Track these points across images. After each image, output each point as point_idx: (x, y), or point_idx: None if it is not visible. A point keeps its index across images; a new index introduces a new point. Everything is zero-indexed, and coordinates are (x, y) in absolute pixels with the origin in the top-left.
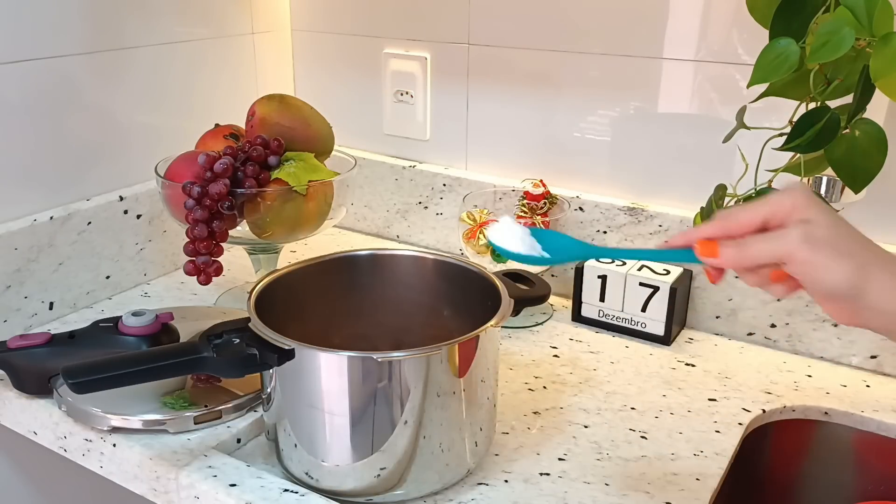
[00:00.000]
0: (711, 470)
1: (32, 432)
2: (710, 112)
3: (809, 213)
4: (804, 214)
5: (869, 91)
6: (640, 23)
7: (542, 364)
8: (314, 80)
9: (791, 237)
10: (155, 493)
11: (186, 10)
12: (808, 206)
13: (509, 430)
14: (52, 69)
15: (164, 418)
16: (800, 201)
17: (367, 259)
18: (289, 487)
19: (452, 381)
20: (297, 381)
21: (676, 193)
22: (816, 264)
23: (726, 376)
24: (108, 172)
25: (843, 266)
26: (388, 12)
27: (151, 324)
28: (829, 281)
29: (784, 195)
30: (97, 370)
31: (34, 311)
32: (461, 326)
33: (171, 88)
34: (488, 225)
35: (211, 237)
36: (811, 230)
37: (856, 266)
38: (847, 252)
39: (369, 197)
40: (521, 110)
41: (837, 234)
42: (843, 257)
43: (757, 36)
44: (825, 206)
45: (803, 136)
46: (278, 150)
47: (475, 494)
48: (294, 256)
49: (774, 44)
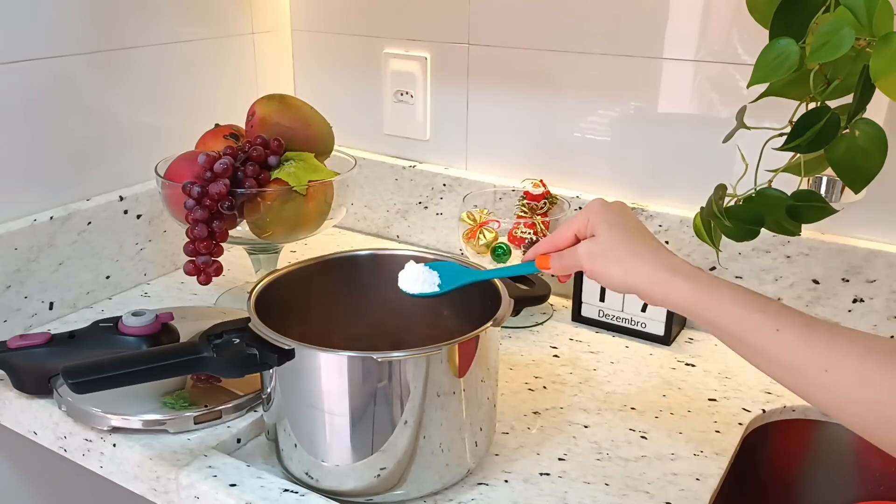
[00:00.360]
0: (711, 470)
1: (32, 432)
2: (710, 112)
3: (596, 230)
4: (593, 231)
5: (869, 91)
6: (640, 23)
7: (542, 364)
8: (314, 80)
9: (578, 252)
10: (155, 493)
11: (186, 10)
12: (596, 223)
13: (509, 430)
14: (53, 69)
15: (164, 418)
16: (592, 219)
17: (367, 259)
18: (289, 487)
19: (452, 381)
20: (297, 381)
21: (676, 193)
22: (595, 272)
23: (726, 376)
24: (108, 172)
25: (613, 272)
26: (388, 12)
27: (151, 324)
28: (607, 282)
29: (583, 213)
30: (97, 370)
31: (34, 311)
32: (461, 326)
33: (171, 88)
34: (488, 224)
35: (211, 237)
36: (591, 246)
37: (623, 270)
38: (617, 259)
39: (369, 197)
40: (521, 110)
41: (611, 246)
42: (613, 264)
43: (757, 36)
44: (612, 219)
45: (803, 136)
46: (278, 150)
47: (475, 494)
48: (294, 256)
49: (774, 44)
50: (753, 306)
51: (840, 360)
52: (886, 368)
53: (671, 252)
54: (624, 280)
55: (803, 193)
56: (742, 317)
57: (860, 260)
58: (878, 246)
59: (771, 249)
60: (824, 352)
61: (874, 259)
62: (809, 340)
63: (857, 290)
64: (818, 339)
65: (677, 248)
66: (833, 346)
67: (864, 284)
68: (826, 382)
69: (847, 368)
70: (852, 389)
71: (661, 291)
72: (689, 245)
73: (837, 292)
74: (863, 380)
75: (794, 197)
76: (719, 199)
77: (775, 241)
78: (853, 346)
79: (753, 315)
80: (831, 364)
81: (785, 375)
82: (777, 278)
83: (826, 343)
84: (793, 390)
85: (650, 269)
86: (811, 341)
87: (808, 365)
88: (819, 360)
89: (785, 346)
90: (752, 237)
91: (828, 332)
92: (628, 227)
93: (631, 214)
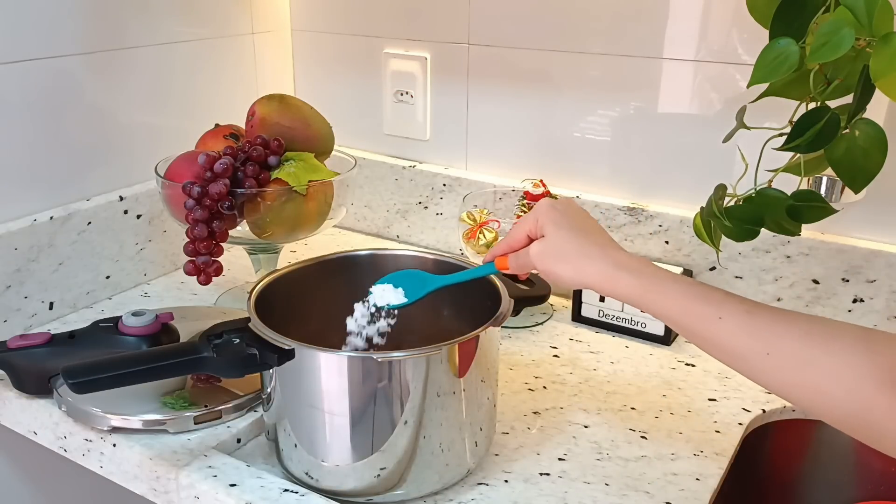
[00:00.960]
0: (711, 470)
1: (32, 432)
2: (710, 112)
3: (545, 230)
4: (542, 231)
5: (869, 91)
6: (640, 23)
7: (542, 364)
8: (314, 80)
9: (530, 253)
10: (155, 493)
11: (187, 11)
12: (544, 223)
13: (509, 430)
14: (53, 69)
15: (164, 418)
16: (540, 219)
17: (367, 259)
18: (289, 487)
19: (452, 381)
20: (297, 381)
21: (676, 193)
22: (546, 271)
23: (726, 376)
24: (108, 172)
25: (562, 271)
26: (387, 12)
27: (151, 324)
28: (558, 281)
29: (532, 214)
30: (97, 370)
31: (34, 311)
32: (461, 326)
33: (171, 88)
34: (488, 224)
35: (211, 237)
36: (540, 247)
37: (572, 269)
38: (564, 259)
39: (369, 197)
40: (521, 110)
41: (558, 246)
42: (561, 263)
43: (757, 36)
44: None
45: (803, 136)
46: (278, 150)
47: (475, 494)
48: (294, 256)
49: (774, 44)
50: (696, 297)
51: (780, 344)
52: (825, 349)
53: (618, 247)
54: (573, 278)
55: (803, 193)
56: (686, 308)
57: (860, 260)
58: (878, 246)
59: (771, 249)
60: (766, 336)
61: (874, 259)
62: (751, 326)
63: (857, 290)
64: (760, 325)
65: (677, 248)
66: (774, 331)
67: (864, 284)
68: (768, 366)
69: (787, 351)
70: (794, 372)
71: (609, 287)
72: (689, 245)
73: (837, 292)
74: (802, 362)
75: (794, 197)
76: (719, 199)
77: (775, 241)
78: (792, 328)
79: (696, 305)
80: (772, 348)
81: (731, 361)
82: (777, 278)
83: (767, 328)
84: (742, 374)
85: (597, 267)
86: (753, 327)
87: (750, 350)
88: (760, 345)
89: (728, 333)
90: (752, 237)
91: (769, 317)
92: (574, 225)
93: (577, 211)
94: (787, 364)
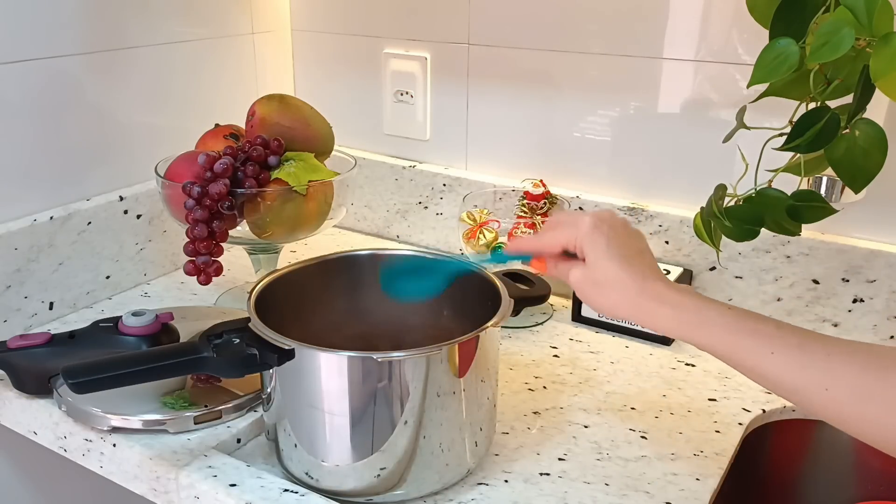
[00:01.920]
0: (711, 470)
1: (32, 432)
2: (710, 112)
3: (585, 253)
4: (581, 252)
5: (869, 91)
6: (640, 23)
7: (542, 364)
8: (314, 80)
9: (570, 279)
10: (155, 493)
11: (187, 10)
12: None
13: (509, 430)
14: (53, 69)
15: (164, 418)
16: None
17: (367, 259)
18: (289, 487)
19: (452, 381)
20: (297, 381)
21: (676, 193)
22: (585, 299)
23: (726, 376)
24: (108, 172)
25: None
26: (387, 12)
27: (151, 324)
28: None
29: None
30: (97, 370)
31: (34, 311)
32: (461, 326)
33: (171, 88)
34: (488, 224)
35: (211, 237)
36: (581, 274)
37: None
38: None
39: (369, 197)
40: (521, 110)
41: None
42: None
43: (757, 36)
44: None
45: (803, 136)
46: (278, 150)
47: (475, 494)
48: (294, 256)
49: (774, 44)
50: (745, 330)
51: (837, 378)
52: (884, 381)
53: (661, 275)
54: (611, 311)
55: (803, 193)
56: (734, 342)
57: (860, 260)
58: (878, 246)
59: (771, 249)
60: (822, 371)
61: (874, 259)
62: (805, 361)
63: (857, 290)
64: (814, 359)
65: (677, 247)
66: (829, 365)
67: (864, 284)
68: (827, 400)
69: (846, 386)
70: (853, 405)
71: (650, 322)
72: (689, 245)
73: (837, 292)
74: (862, 395)
75: (794, 197)
76: (719, 199)
77: (775, 241)
78: (848, 361)
79: (745, 340)
80: (830, 383)
81: (787, 395)
82: (777, 278)
83: (823, 362)
84: (797, 406)
85: (637, 301)
86: (807, 361)
87: (807, 385)
88: (817, 380)
89: (781, 368)
90: (752, 237)
91: (823, 350)
92: (618, 252)
93: (622, 233)
94: (847, 398)
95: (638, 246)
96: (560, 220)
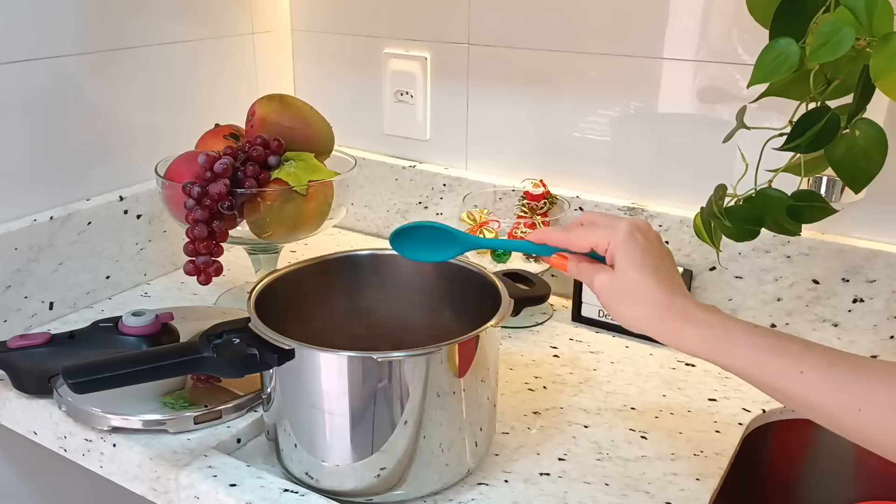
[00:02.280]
0: (711, 470)
1: (32, 432)
2: (710, 112)
3: (615, 261)
4: (612, 258)
5: (869, 91)
6: (640, 23)
7: (542, 364)
8: (314, 80)
9: (594, 284)
10: (155, 493)
11: (187, 10)
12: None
13: (509, 430)
14: (53, 69)
15: (164, 418)
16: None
17: (367, 259)
18: (289, 487)
19: (452, 381)
20: (297, 381)
21: (676, 193)
22: (607, 307)
23: (726, 376)
24: (108, 172)
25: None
26: (387, 12)
27: (151, 324)
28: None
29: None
30: (97, 370)
31: (34, 311)
32: (461, 326)
33: (171, 88)
34: (488, 224)
35: (211, 237)
36: (606, 282)
37: (634, 316)
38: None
39: (369, 197)
40: (521, 110)
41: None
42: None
43: (757, 36)
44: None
45: (803, 136)
46: (278, 150)
47: (475, 494)
48: (294, 256)
49: (774, 44)
50: (772, 349)
51: (870, 399)
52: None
53: (686, 292)
54: (633, 323)
55: (803, 193)
56: (763, 361)
57: (860, 260)
58: (878, 246)
59: (771, 249)
60: (853, 392)
61: (874, 259)
62: (836, 381)
63: (857, 290)
64: (845, 379)
65: (677, 248)
66: (861, 385)
67: (864, 284)
68: (861, 422)
69: (878, 406)
70: (886, 425)
71: (674, 340)
72: (689, 245)
73: (837, 292)
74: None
75: (794, 197)
76: (719, 199)
77: (775, 241)
78: (878, 380)
79: (774, 359)
80: (863, 403)
81: (817, 416)
82: (777, 278)
83: (853, 381)
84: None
85: (662, 318)
86: (838, 382)
87: (839, 407)
88: (849, 401)
89: (811, 388)
90: (752, 237)
91: (853, 370)
92: (648, 266)
93: (655, 247)
94: (881, 419)
95: (667, 262)
96: (594, 220)
